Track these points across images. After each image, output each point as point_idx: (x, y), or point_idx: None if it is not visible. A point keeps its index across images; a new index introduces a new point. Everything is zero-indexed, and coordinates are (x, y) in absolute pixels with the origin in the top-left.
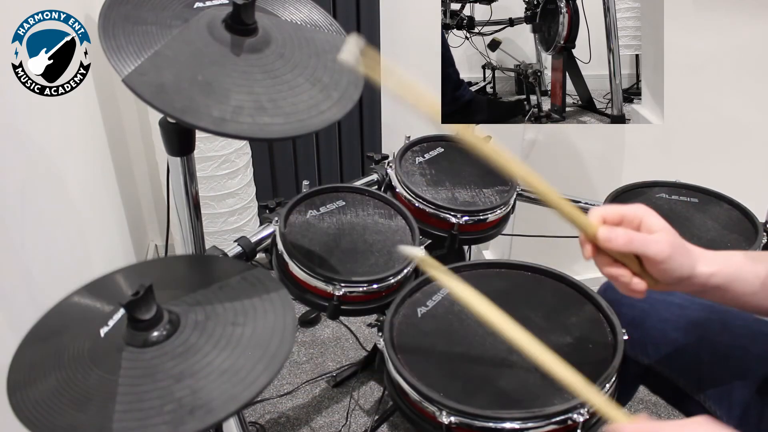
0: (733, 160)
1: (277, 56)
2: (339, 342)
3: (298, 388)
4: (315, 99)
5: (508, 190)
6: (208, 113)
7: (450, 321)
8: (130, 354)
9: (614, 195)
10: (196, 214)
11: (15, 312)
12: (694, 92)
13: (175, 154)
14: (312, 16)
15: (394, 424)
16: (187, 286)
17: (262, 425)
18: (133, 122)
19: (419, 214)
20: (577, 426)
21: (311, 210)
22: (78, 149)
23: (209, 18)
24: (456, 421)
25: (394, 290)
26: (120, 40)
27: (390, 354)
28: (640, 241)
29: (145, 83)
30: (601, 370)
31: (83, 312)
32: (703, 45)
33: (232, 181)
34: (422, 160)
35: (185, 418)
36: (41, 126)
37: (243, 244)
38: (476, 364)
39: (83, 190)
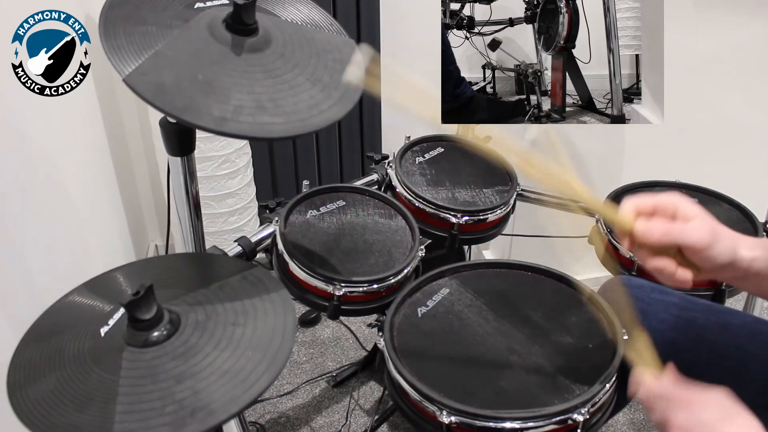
0: (733, 160)
1: (278, 56)
2: (339, 342)
3: (298, 388)
4: (315, 98)
5: (508, 190)
6: (208, 113)
7: (450, 321)
8: (131, 354)
9: (614, 195)
10: (196, 214)
11: (15, 312)
12: (694, 92)
13: (175, 154)
14: (312, 16)
15: (394, 424)
16: (187, 285)
17: (262, 425)
18: (133, 122)
19: (419, 214)
20: (577, 426)
21: (311, 210)
22: (78, 149)
23: (210, 18)
24: (456, 421)
25: (394, 290)
26: (121, 40)
27: (390, 354)
28: (678, 231)
29: (146, 83)
30: (601, 370)
31: (83, 311)
32: (703, 45)
33: (232, 181)
34: (422, 160)
35: (186, 420)
36: (41, 126)
37: (243, 244)
38: (476, 364)
39: (83, 190)
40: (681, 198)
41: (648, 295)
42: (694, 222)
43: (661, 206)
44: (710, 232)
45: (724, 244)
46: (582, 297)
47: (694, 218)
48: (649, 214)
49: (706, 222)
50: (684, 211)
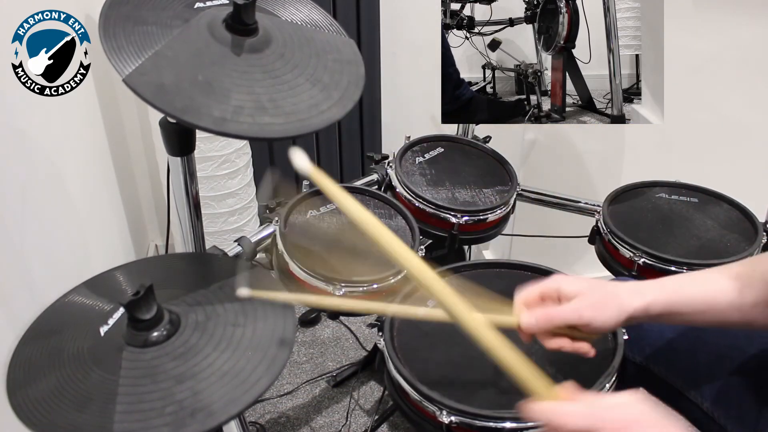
0: (733, 160)
1: (278, 56)
2: (339, 342)
3: (298, 388)
4: (315, 99)
5: (508, 190)
6: (208, 113)
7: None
8: (131, 354)
9: (614, 195)
10: (196, 214)
11: (15, 311)
12: (694, 92)
13: (175, 154)
14: (312, 16)
15: (394, 424)
16: (187, 285)
17: (262, 425)
18: (133, 122)
19: (419, 214)
20: None
21: (311, 210)
22: (78, 149)
23: (210, 18)
24: (456, 421)
25: (394, 290)
26: (120, 40)
27: (390, 354)
28: (559, 315)
29: (146, 83)
30: (601, 370)
31: (83, 310)
32: (703, 45)
33: (232, 181)
34: (422, 160)
35: (186, 420)
36: (41, 126)
37: (243, 244)
38: (476, 364)
39: (83, 190)
40: (563, 279)
41: None
42: (573, 302)
43: (546, 292)
44: (590, 307)
45: (608, 313)
46: None
47: (574, 297)
48: (536, 304)
49: (585, 298)
50: (566, 292)
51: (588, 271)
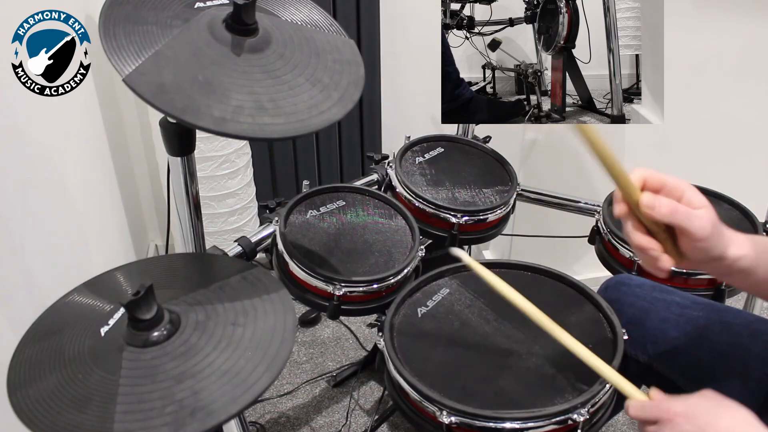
0: (733, 160)
1: (278, 56)
2: (339, 342)
3: (298, 388)
4: (315, 99)
5: (508, 190)
6: (208, 113)
7: (450, 321)
8: (131, 354)
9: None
10: (196, 214)
11: (15, 312)
12: (694, 92)
13: (175, 154)
14: (312, 16)
15: (394, 424)
16: (187, 285)
17: (262, 425)
18: (134, 122)
19: (419, 214)
20: (577, 426)
21: (311, 210)
22: (78, 149)
23: (210, 18)
24: (456, 421)
25: (394, 290)
26: (120, 40)
27: (390, 354)
28: (685, 214)
29: (146, 83)
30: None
31: (83, 310)
32: (703, 45)
33: (232, 181)
34: (422, 160)
35: (186, 420)
36: (41, 126)
37: (243, 244)
38: (476, 364)
39: (83, 190)
40: (690, 185)
41: (649, 294)
42: (701, 210)
43: (670, 186)
44: (712, 224)
45: (719, 239)
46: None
47: (701, 207)
48: (655, 190)
49: (711, 213)
50: (690, 198)
51: (588, 271)
